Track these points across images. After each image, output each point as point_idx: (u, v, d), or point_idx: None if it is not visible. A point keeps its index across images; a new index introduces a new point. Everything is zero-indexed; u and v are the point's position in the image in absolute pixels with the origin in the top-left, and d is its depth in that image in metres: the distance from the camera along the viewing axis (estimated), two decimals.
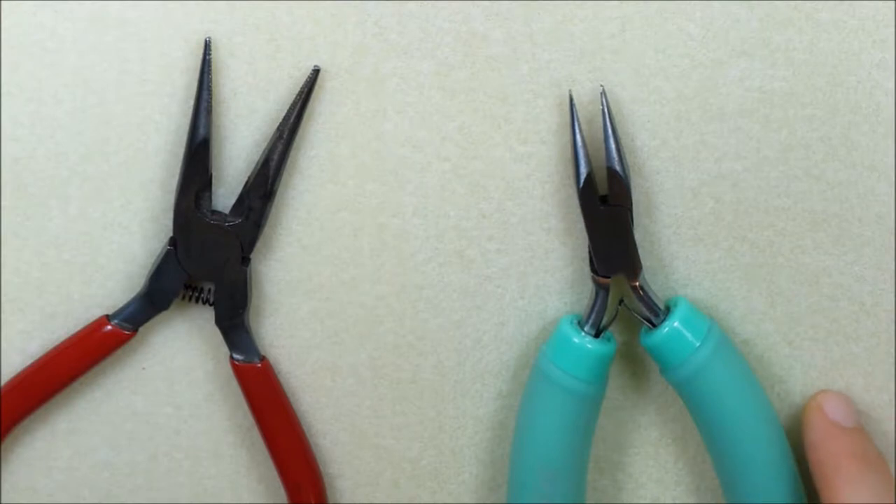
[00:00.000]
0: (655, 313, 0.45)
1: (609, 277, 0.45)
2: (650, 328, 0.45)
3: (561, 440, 0.45)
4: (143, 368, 0.49)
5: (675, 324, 0.45)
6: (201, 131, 0.46)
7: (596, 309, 0.46)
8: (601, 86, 0.46)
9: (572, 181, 0.46)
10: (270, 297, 0.49)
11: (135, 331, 0.48)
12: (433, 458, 0.49)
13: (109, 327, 0.48)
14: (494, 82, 0.47)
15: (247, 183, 0.47)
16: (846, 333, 0.48)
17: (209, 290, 0.48)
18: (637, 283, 0.45)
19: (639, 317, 0.46)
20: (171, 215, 0.47)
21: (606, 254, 0.45)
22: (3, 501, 0.50)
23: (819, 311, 0.48)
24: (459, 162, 0.48)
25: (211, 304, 0.48)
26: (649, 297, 0.45)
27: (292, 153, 0.47)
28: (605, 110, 0.45)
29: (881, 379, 0.48)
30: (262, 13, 0.47)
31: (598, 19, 0.47)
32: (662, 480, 0.49)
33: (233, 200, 0.47)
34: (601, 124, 0.45)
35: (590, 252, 0.46)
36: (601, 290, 0.46)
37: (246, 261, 0.47)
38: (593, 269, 0.46)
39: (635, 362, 0.49)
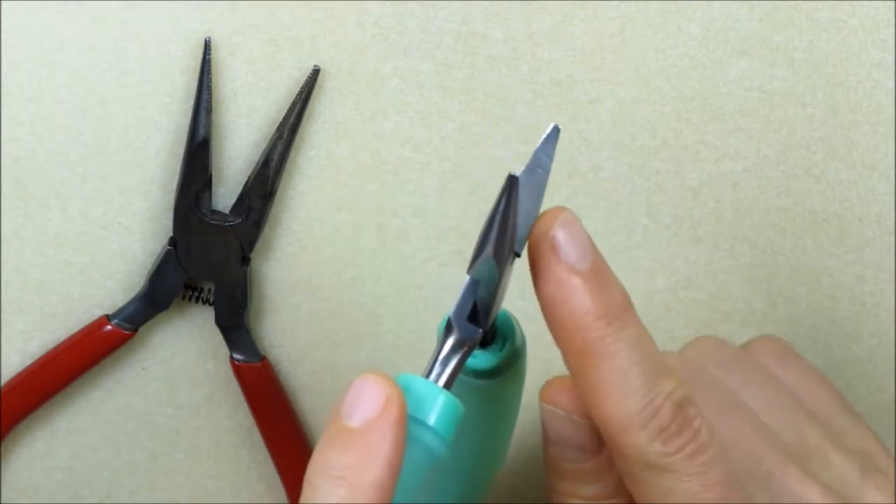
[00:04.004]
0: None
1: None
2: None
3: None
4: (143, 368, 0.49)
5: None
6: (201, 131, 0.46)
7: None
8: None
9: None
10: (270, 297, 0.49)
11: (135, 331, 0.48)
12: None
13: (109, 327, 0.48)
14: (494, 82, 0.47)
15: (247, 183, 0.47)
16: (846, 333, 0.48)
17: (209, 290, 0.48)
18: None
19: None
20: (171, 215, 0.47)
21: None
22: (3, 501, 0.50)
23: (819, 311, 0.48)
24: (459, 162, 0.48)
25: (211, 304, 0.48)
26: None
27: (292, 153, 0.47)
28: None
29: (881, 379, 0.48)
30: (262, 13, 0.47)
31: (598, 19, 0.47)
32: None
33: (233, 200, 0.47)
34: None
35: None
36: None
37: (246, 261, 0.47)
38: None
39: None
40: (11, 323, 0.49)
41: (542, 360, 0.48)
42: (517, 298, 0.48)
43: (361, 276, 0.48)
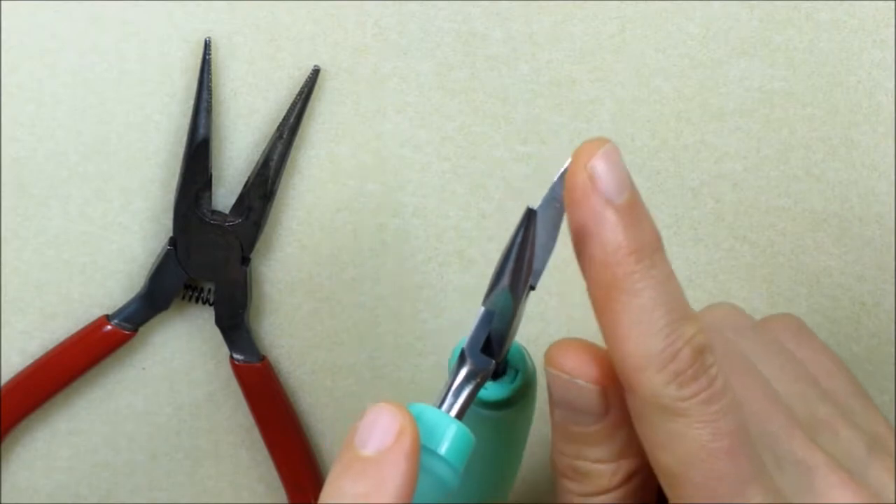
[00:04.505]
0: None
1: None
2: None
3: None
4: (143, 368, 0.49)
5: None
6: (201, 131, 0.46)
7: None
8: None
9: None
10: (270, 297, 0.49)
11: (135, 331, 0.48)
12: None
13: (109, 327, 0.48)
14: (494, 82, 0.47)
15: (247, 183, 0.47)
16: (846, 333, 0.48)
17: (209, 290, 0.48)
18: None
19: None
20: (171, 215, 0.47)
21: None
22: (3, 501, 0.50)
23: (819, 311, 0.48)
24: (459, 162, 0.48)
25: (211, 304, 0.48)
26: None
27: (292, 153, 0.47)
28: None
29: (881, 379, 0.48)
30: (262, 13, 0.47)
31: (598, 19, 0.47)
32: None
33: (233, 200, 0.47)
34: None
35: None
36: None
37: (246, 261, 0.47)
38: None
39: None
40: (11, 323, 0.49)
41: (541, 362, 0.48)
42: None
43: (361, 276, 0.48)
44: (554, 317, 0.48)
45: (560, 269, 0.38)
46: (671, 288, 0.32)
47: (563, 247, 0.34)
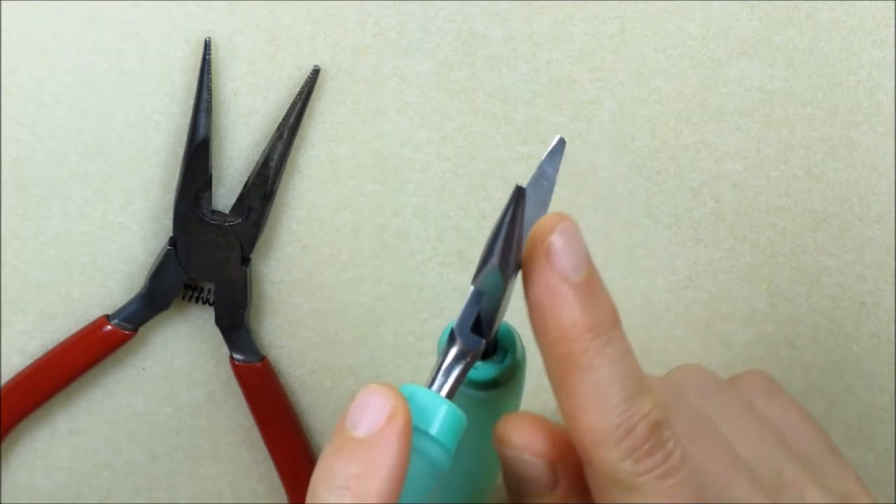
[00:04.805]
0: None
1: None
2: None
3: None
4: (143, 368, 0.49)
5: None
6: (201, 131, 0.46)
7: None
8: None
9: None
10: (270, 297, 0.49)
11: (135, 331, 0.48)
12: None
13: (109, 327, 0.48)
14: (494, 82, 0.47)
15: (247, 183, 0.47)
16: (846, 333, 0.48)
17: (209, 290, 0.48)
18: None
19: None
20: (171, 215, 0.47)
21: None
22: (3, 501, 0.50)
23: (819, 311, 0.48)
24: (459, 162, 0.48)
25: (211, 304, 0.48)
26: None
27: (292, 153, 0.47)
28: None
29: (881, 379, 0.48)
30: (262, 13, 0.47)
31: (598, 19, 0.47)
32: None
33: (233, 200, 0.47)
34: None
35: None
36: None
37: (246, 261, 0.47)
38: None
39: None
40: (11, 323, 0.49)
41: (541, 362, 0.48)
42: (518, 298, 0.48)
43: (361, 276, 0.48)
44: None
45: None
46: (627, 363, 0.32)
47: None
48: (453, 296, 0.48)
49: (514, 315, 0.37)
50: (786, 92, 0.47)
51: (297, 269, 0.48)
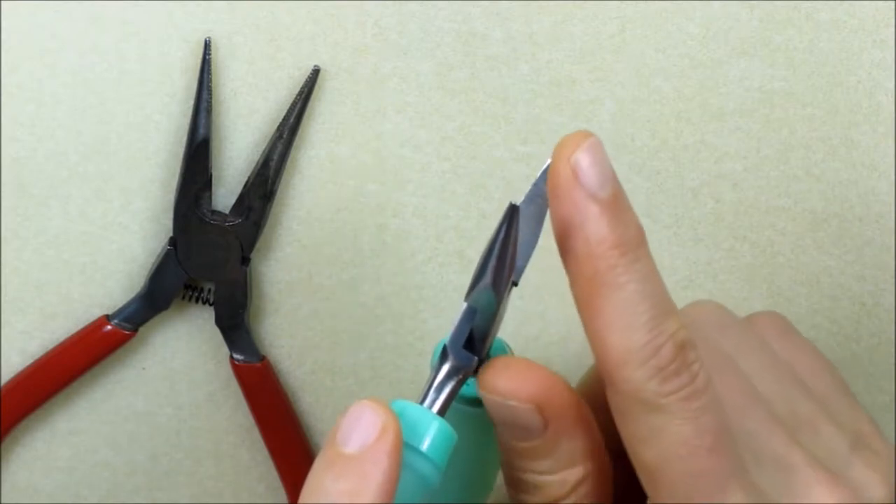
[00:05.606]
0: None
1: None
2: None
3: None
4: (143, 368, 0.49)
5: None
6: (201, 131, 0.46)
7: None
8: None
9: None
10: (270, 297, 0.49)
11: (135, 331, 0.48)
12: None
13: (109, 327, 0.48)
14: (494, 82, 0.47)
15: (247, 183, 0.47)
16: (846, 333, 0.48)
17: (209, 290, 0.48)
18: None
19: None
20: (171, 215, 0.47)
21: None
22: (3, 501, 0.50)
23: (819, 311, 0.48)
24: (459, 162, 0.48)
25: (211, 304, 0.48)
26: None
27: (292, 153, 0.47)
28: None
29: (881, 379, 0.48)
30: (262, 13, 0.47)
31: (598, 19, 0.47)
32: None
33: (233, 200, 0.47)
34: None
35: None
36: None
37: (246, 261, 0.47)
38: None
39: None
40: (11, 323, 0.49)
41: (541, 361, 0.48)
42: (516, 298, 0.48)
43: (361, 276, 0.48)
44: (554, 317, 0.48)
45: (559, 267, 0.38)
46: (655, 283, 0.32)
47: None
48: (453, 296, 0.48)
49: (513, 304, 0.37)
50: (786, 92, 0.47)
51: (297, 269, 0.48)
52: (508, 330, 0.48)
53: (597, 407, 0.35)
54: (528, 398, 0.34)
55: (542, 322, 0.48)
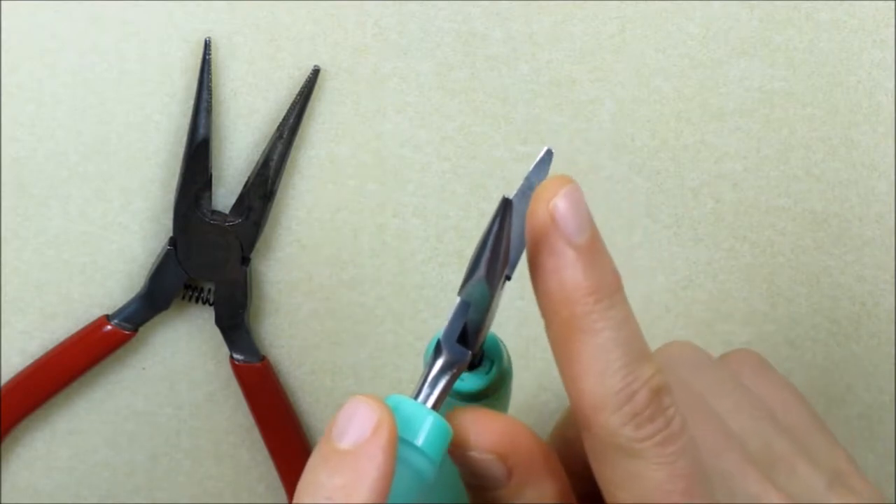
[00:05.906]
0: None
1: None
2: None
3: None
4: (143, 368, 0.49)
5: None
6: (201, 131, 0.46)
7: None
8: None
9: None
10: (270, 297, 0.49)
11: (135, 331, 0.48)
12: None
13: (109, 327, 0.48)
14: (494, 82, 0.47)
15: (247, 183, 0.47)
16: (846, 333, 0.48)
17: (209, 290, 0.48)
18: None
19: None
20: (171, 215, 0.47)
21: None
22: (3, 501, 0.50)
23: (819, 311, 0.48)
24: (459, 162, 0.48)
25: (211, 304, 0.48)
26: None
27: (292, 153, 0.47)
28: None
29: (881, 379, 0.48)
30: (262, 13, 0.47)
31: (598, 19, 0.47)
32: None
33: (233, 200, 0.47)
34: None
35: None
36: None
37: (246, 261, 0.47)
38: None
39: None
40: (11, 323, 0.49)
41: (541, 361, 0.48)
42: (517, 298, 0.48)
43: (361, 276, 0.48)
44: None
45: None
46: (630, 328, 0.32)
47: None
48: (453, 296, 0.48)
49: (501, 326, 0.37)
50: (786, 92, 0.47)
51: (297, 269, 0.48)
52: (508, 330, 0.48)
53: (573, 449, 0.35)
54: (491, 448, 0.34)
55: (541, 322, 0.48)
